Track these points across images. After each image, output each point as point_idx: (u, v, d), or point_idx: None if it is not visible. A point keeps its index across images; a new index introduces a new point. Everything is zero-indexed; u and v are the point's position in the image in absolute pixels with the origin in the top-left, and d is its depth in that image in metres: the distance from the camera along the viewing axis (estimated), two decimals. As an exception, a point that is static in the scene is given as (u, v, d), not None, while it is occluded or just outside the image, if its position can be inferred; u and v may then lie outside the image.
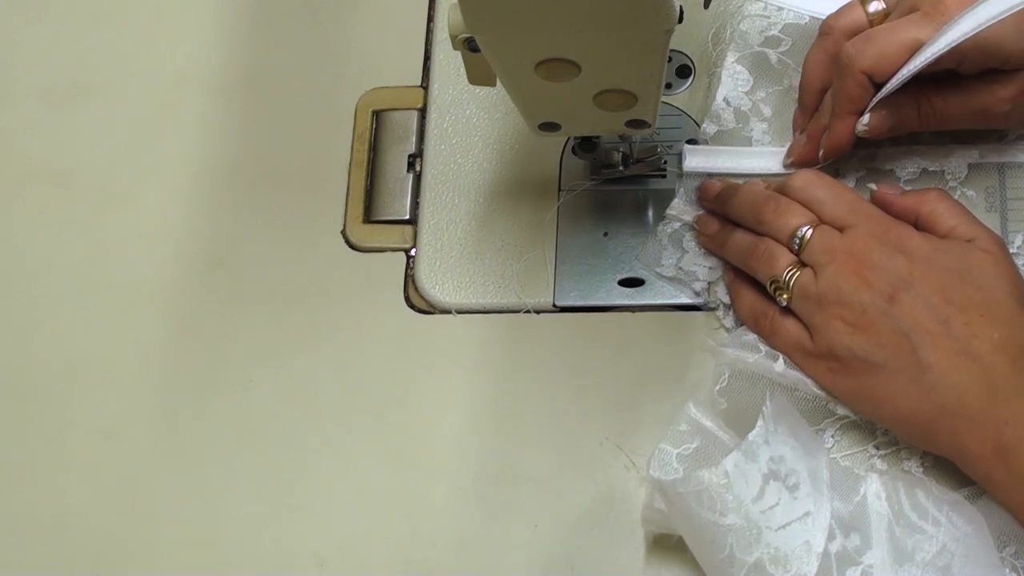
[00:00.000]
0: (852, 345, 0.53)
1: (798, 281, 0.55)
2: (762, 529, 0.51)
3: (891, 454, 0.56)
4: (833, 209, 0.56)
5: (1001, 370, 0.51)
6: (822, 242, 0.55)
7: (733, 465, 0.51)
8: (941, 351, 0.52)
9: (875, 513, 0.53)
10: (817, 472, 0.53)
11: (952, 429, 0.51)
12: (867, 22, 0.57)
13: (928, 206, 0.56)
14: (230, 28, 0.72)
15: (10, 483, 0.63)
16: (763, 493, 0.51)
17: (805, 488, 0.52)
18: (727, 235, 0.60)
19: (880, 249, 0.54)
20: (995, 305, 0.52)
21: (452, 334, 0.63)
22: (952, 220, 0.55)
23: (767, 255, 0.57)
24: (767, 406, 0.53)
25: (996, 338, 0.51)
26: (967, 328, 0.51)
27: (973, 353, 0.51)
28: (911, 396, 0.52)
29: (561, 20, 0.45)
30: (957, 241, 0.54)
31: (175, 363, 0.64)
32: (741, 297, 0.59)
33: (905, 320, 0.52)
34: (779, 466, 0.52)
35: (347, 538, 0.60)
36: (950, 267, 0.53)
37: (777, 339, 0.57)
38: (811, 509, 0.52)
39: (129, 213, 0.68)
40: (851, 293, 0.53)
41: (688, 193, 0.62)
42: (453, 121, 0.67)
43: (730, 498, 0.51)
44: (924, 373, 0.52)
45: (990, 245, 0.54)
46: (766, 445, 0.52)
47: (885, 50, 0.54)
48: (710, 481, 0.51)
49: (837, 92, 0.57)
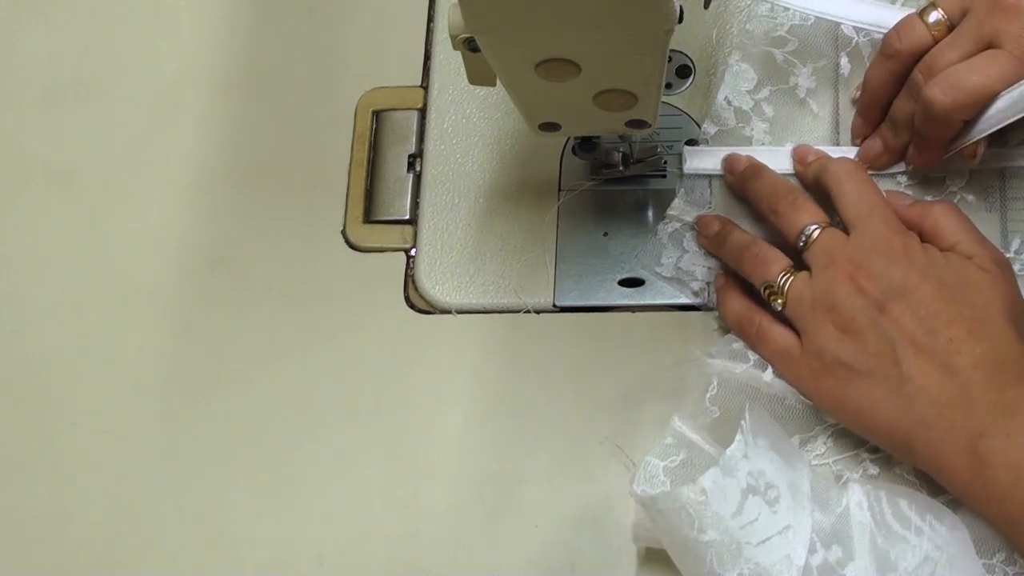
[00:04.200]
0: (839, 351, 0.53)
1: (793, 285, 0.55)
2: (742, 544, 0.51)
3: (883, 458, 0.56)
4: (853, 206, 0.56)
5: (979, 384, 0.50)
6: (826, 244, 0.55)
7: (711, 481, 0.51)
8: (923, 363, 0.51)
9: (857, 524, 0.52)
10: (798, 485, 0.53)
11: (928, 441, 0.51)
12: (931, 39, 0.57)
13: (932, 220, 0.56)
14: (230, 28, 0.72)
15: (10, 483, 0.63)
16: (742, 508, 0.51)
17: (785, 502, 0.52)
18: (727, 234, 0.60)
19: (879, 257, 0.54)
20: (984, 322, 0.52)
21: (452, 334, 0.63)
22: (955, 236, 0.55)
23: (760, 259, 0.57)
24: (746, 420, 0.52)
25: (978, 353, 0.51)
26: (951, 343, 0.51)
27: (953, 367, 0.51)
28: (891, 407, 0.52)
29: (561, 20, 0.45)
30: (957, 256, 0.54)
31: (175, 363, 0.64)
32: (728, 302, 0.59)
33: (892, 330, 0.52)
34: (758, 480, 0.52)
35: (347, 538, 0.60)
36: (945, 281, 0.53)
37: (764, 346, 0.57)
38: (791, 523, 0.52)
39: (129, 213, 0.68)
40: (844, 298, 0.53)
41: (689, 194, 0.62)
42: (453, 121, 0.67)
43: (709, 514, 0.51)
44: (904, 384, 0.52)
45: (989, 264, 0.54)
46: (745, 460, 0.52)
47: (977, 100, 0.54)
48: (688, 498, 0.51)
49: (927, 133, 0.57)
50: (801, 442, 0.57)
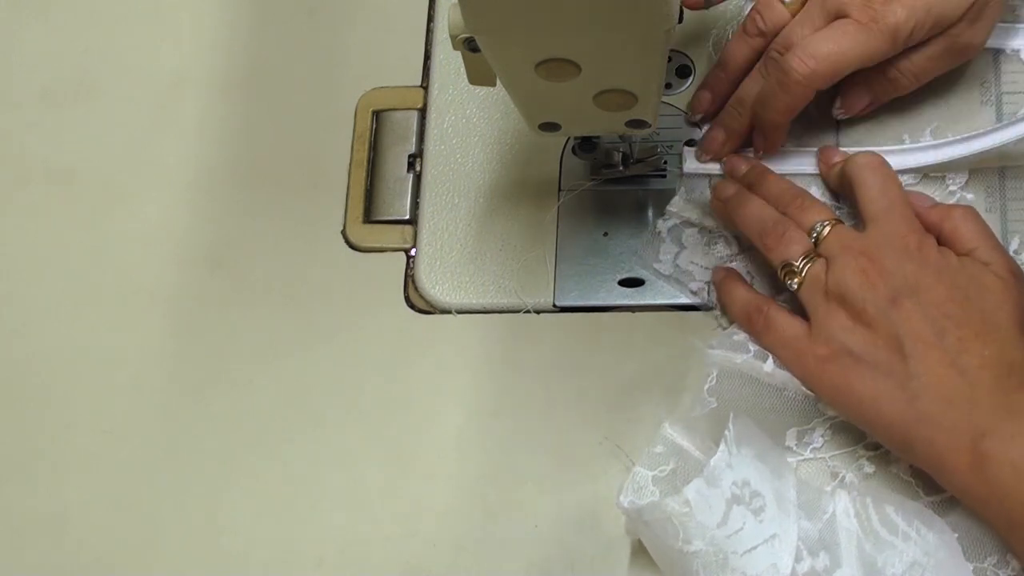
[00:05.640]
0: (848, 340, 0.53)
1: (811, 269, 0.55)
2: (728, 554, 0.51)
3: (880, 455, 0.55)
4: (874, 201, 0.56)
5: (985, 385, 0.51)
6: (838, 238, 0.55)
7: (695, 492, 0.51)
8: (930, 361, 0.52)
9: (844, 531, 0.52)
10: (783, 493, 0.53)
11: (929, 439, 0.51)
12: (790, 17, 0.59)
13: (951, 224, 0.56)
14: (230, 28, 0.72)
15: (10, 483, 0.63)
16: (727, 518, 0.51)
17: (771, 510, 0.52)
18: (745, 201, 0.59)
19: (894, 253, 0.54)
20: (993, 327, 0.52)
21: (452, 334, 0.63)
22: (972, 242, 0.55)
23: (787, 237, 0.56)
24: (729, 430, 0.53)
25: (986, 355, 0.51)
26: (960, 343, 0.52)
27: (961, 367, 0.51)
28: (894, 401, 0.52)
29: (561, 20, 0.45)
30: (972, 261, 0.54)
31: (175, 363, 0.65)
32: (733, 294, 0.59)
33: (902, 325, 0.52)
34: (743, 490, 0.52)
35: (347, 538, 0.60)
36: (958, 284, 0.53)
37: (771, 334, 0.57)
38: (777, 531, 0.52)
39: (129, 213, 0.68)
40: (856, 289, 0.53)
41: (689, 194, 0.62)
42: (453, 121, 0.67)
43: (693, 525, 0.51)
44: (910, 380, 0.52)
45: (1004, 272, 0.54)
46: (729, 469, 0.52)
47: (833, 66, 0.56)
48: (672, 509, 0.51)
49: (777, 102, 0.58)
50: (799, 435, 0.56)
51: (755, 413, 0.56)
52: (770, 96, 0.58)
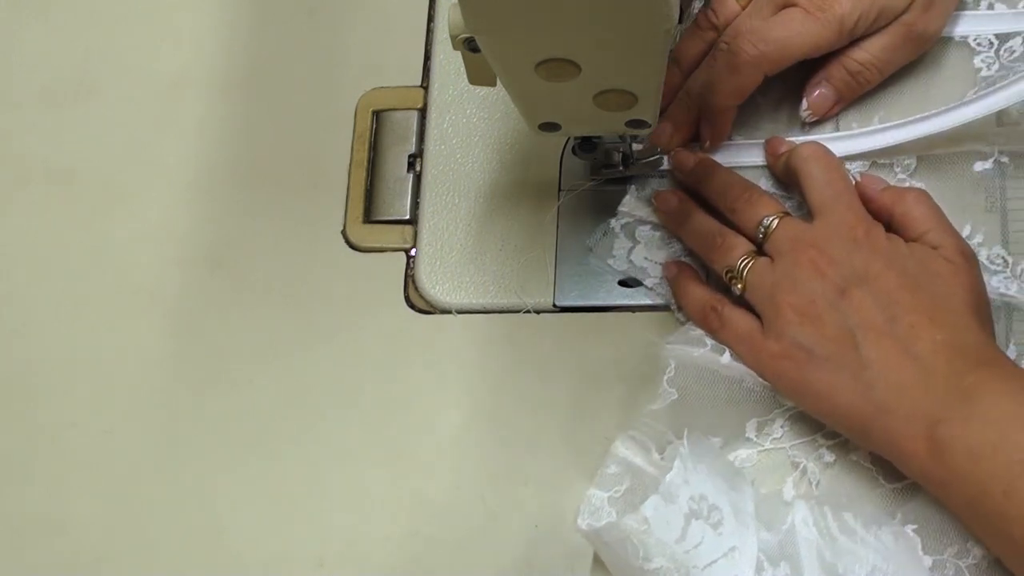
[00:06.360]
0: (799, 336, 0.53)
1: (752, 269, 0.55)
2: (689, 569, 0.51)
3: (839, 444, 0.55)
4: (819, 192, 0.56)
5: (939, 371, 0.51)
6: (786, 232, 0.55)
7: (652, 509, 0.51)
8: (882, 349, 0.52)
9: (804, 540, 0.52)
10: (741, 506, 0.53)
11: (886, 427, 0.51)
12: (740, 9, 0.60)
13: (903, 207, 0.56)
14: (230, 28, 0.72)
15: (10, 483, 0.63)
16: (686, 533, 0.51)
17: (729, 523, 0.52)
18: (688, 214, 0.60)
19: (842, 243, 0.54)
20: (945, 311, 0.52)
21: (452, 334, 0.63)
22: (923, 226, 0.55)
23: (726, 244, 0.57)
24: (684, 446, 0.53)
25: (939, 340, 0.51)
26: (911, 330, 0.52)
27: (914, 353, 0.51)
28: (849, 392, 0.52)
29: (561, 20, 0.45)
30: (922, 247, 0.54)
31: (175, 363, 0.65)
32: (687, 292, 0.59)
33: (852, 316, 0.52)
34: (700, 504, 0.52)
35: (347, 538, 0.60)
36: (908, 270, 0.53)
37: (726, 331, 0.57)
38: (736, 544, 0.52)
39: (129, 213, 0.68)
40: (804, 282, 0.54)
41: (640, 191, 0.62)
42: (453, 121, 0.67)
43: (653, 542, 0.51)
44: (864, 370, 0.52)
45: (954, 255, 0.54)
46: (686, 485, 0.52)
47: (781, 50, 0.58)
48: (631, 528, 0.51)
49: (725, 85, 0.59)
50: (759, 426, 0.57)
51: (714, 405, 0.56)
52: (717, 80, 0.59)
